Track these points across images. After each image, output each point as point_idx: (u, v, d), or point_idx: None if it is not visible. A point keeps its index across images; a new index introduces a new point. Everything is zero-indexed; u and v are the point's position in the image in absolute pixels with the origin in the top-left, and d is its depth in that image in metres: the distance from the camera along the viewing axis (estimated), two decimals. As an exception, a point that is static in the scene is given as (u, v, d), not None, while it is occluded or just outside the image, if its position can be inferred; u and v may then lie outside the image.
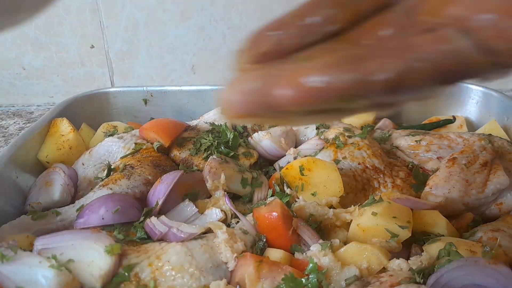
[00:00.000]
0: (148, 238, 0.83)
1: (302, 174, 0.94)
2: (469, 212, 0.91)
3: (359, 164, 0.98)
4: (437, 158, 1.02)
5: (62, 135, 1.16)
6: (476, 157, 0.95)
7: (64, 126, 1.18)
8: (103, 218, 0.83)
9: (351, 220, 0.84)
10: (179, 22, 1.62)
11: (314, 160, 0.97)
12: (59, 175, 1.02)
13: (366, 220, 0.81)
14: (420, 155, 1.05)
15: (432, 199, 0.90)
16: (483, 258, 0.67)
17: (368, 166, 0.98)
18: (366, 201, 0.87)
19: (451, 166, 0.94)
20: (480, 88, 1.33)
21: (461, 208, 0.91)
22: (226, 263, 0.76)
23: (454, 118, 1.30)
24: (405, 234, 0.79)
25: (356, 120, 1.32)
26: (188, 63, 1.70)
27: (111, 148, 1.11)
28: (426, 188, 0.93)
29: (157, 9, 1.60)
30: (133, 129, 1.26)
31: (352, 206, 0.88)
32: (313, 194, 0.92)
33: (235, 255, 0.76)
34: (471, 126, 1.33)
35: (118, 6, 1.60)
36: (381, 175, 0.97)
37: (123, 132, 1.22)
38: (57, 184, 1.00)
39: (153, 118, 1.35)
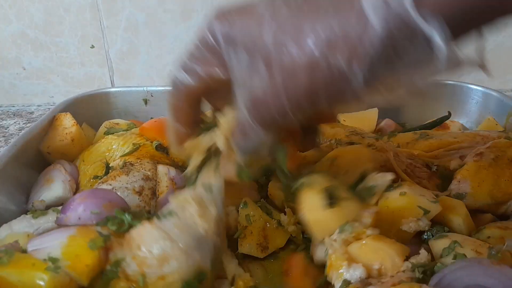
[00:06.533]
0: None
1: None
2: (496, 206, 0.88)
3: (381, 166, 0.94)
4: (459, 157, 0.98)
5: (65, 128, 1.15)
6: (503, 153, 0.92)
7: (67, 120, 1.17)
8: (79, 218, 0.79)
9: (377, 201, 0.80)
10: (179, 22, 1.62)
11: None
12: (60, 172, 1.02)
13: (395, 201, 0.78)
14: (440, 156, 1.02)
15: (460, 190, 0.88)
16: (488, 259, 0.66)
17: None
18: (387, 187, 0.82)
19: (479, 160, 0.91)
20: (480, 88, 1.32)
21: (489, 202, 0.88)
22: (206, 231, 0.73)
23: (449, 113, 1.27)
24: (436, 208, 0.76)
25: (359, 121, 1.31)
26: (188, 63, 1.70)
27: (110, 146, 1.11)
28: (454, 182, 0.90)
29: (157, 9, 1.60)
30: (135, 126, 1.26)
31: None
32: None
33: (212, 222, 0.74)
34: (471, 126, 1.32)
35: (118, 6, 1.60)
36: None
37: (124, 130, 1.22)
38: (58, 180, 1.00)
39: (153, 118, 1.35)
